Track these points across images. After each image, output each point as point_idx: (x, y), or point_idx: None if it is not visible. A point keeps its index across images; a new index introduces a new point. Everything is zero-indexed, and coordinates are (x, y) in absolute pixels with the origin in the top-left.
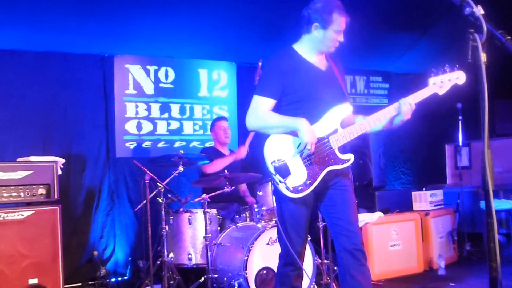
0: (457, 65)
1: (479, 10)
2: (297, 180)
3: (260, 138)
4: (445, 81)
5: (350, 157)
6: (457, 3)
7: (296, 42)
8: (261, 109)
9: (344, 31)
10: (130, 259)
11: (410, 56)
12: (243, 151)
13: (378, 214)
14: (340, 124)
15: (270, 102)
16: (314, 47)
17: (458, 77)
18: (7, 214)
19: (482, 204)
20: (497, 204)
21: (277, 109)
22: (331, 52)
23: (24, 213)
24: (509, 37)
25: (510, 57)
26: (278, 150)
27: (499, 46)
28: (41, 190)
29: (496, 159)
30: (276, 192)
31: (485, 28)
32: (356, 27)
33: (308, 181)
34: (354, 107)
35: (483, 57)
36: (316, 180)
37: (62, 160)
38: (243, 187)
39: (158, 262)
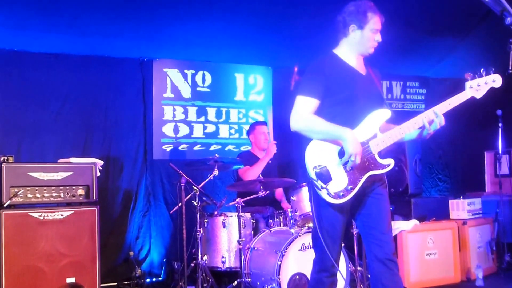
0: (492, 68)
1: None
2: (339, 185)
3: (295, 144)
4: (481, 84)
5: (390, 161)
6: (498, 12)
7: (335, 47)
8: (307, 111)
9: (381, 32)
10: (165, 260)
11: (448, 62)
12: (272, 148)
13: (414, 222)
14: (380, 129)
15: (314, 102)
16: (353, 49)
17: (495, 80)
18: (47, 214)
19: None
20: None
21: (319, 111)
22: (370, 55)
23: (63, 213)
24: None
25: None
26: (319, 156)
27: None
28: (81, 191)
29: None
30: (316, 197)
31: None
32: (393, 32)
33: (350, 187)
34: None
35: None
36: (357, 185)
37: (101, 162)
38: (279, 191)
39: (192, 265)
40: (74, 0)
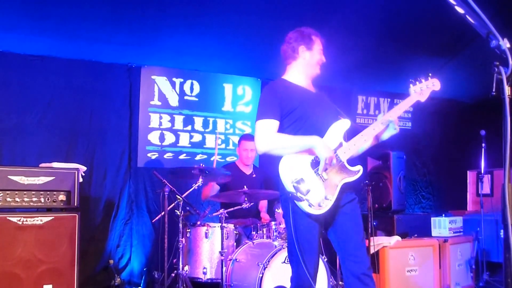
0: (430, 74)
1: (506, 43)
2: (318, 196)
3: (277, 156)
4: (424, 89)
5: (359, 168)
6: (484, 35)
7: (282, 75)
8: (271, 131)
9: (370, 50)
10: (145, 269)
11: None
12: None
13: (396, 238)
14: (343, 138)
15: (275, 123)
16: (303, 71)
17: (434, 84)
18: (26, 219)
19: (502, 233)
20: None
21: (280, 131)
22: (317, 77)
23: (43, 219)
24: None
25: None
26: (294, 169)
27: None
28: (62, 197)
29: None
30: (293, 211)
31: (510, 62)
32: (382, 50)
33: (328, 196)
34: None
35: (508, 90)
36: (335, 194)
37: (84, 168)
38: (263, 203)
39: (173, 275)
40: (63, 3)
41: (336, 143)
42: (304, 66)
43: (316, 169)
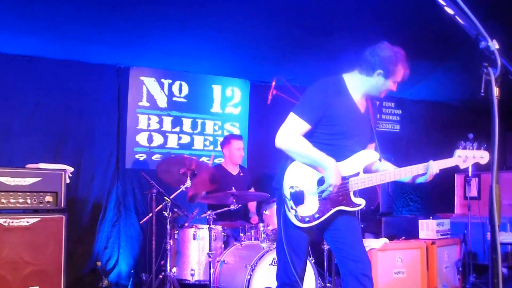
0: (485, 145)
1: (494, 45)
2: (307, 211)
3: (270, 158)
4: (469, 157)
5: (361, 202)
6: (473, 36)
7: (347, 72)
8: (297, 132)
9: (357, 57)
10: (133, 271)
11: (425, 84)
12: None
13: (384, 240)
14: (363, 169)
15: (306, 126)
16: (365, 88)
17: (483, 157)
18: (12, 220)
19: (489, 236)
20: (504, 237)
21: (308, 135)
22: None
23: (30, 220)
24: None
25: None
26: (299, 178)
27: None
28: (48, 198)
29: (504, 191)
30: (284, 214)
31: (499, 63)
32: None
33: (317, 215)
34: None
35: (496, 91)
36: (324, 216)
37: (71, 169)
38: (253, 204)
39: (161, 276)
40: (51, 3)
41: (353, 171)
42: (370, 86)
43: (322, 191)
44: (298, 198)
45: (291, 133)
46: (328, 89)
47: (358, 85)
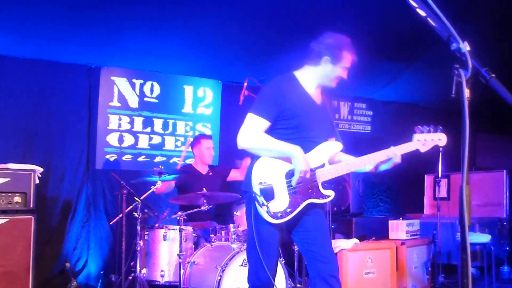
0: (441, 127)
1: (466, 46)
2: (279, 206)
3: (238, 159)
4: (428, 140)
5: (330, 193)
6: (444, 38)
7: (297, 69)
8: (258, 129)
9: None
10: (102, 272)
11: (395, 86)
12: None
13: (354, 241)
14: (328, 160)
15: (266, 124)
16: (317, 79)
17: (440, 139)
18: None
19: (458, 236)
20: (472, 238)
21: (269, 131)
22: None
23: None
24: (493, 75)
25: (494, 93)
26: (267, 173)
27: (484, 83)
28: (17, 198)
29: (474, 192)
30: (255, 212)
31: (470, 65)
32: None
33: (288, 209)
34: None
35: (466, 93)
36: (296, 210)
37: (40, 169)
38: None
39: (130, 278)
40: (21, 2)
41: (319, 162)
42: (320, 76)
43: (289, 180)
44: (268, 193)
45: (251, 132)
46: (282, 85)
47: (310, 78)
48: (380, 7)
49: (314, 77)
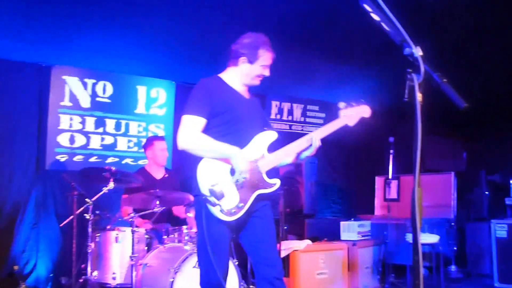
0: (362, 100)
1: (418, 51)
2: (231, 203)
3: (191, 160)
4: (354, 114)
5: (276, 181)
6: (397, 42)
7: (221, 72)
8: (195, 129)
9: (284, 56)
10: (52, 275)
11: (348, 88)
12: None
13: (307, 242)
14: (266, 149)
15: (202, 121)
16: (239, 79)
17: (365, 111)
18: None
19: (408, 236)
20: (422, 238)
21: (206, 130)
22: (254, 86)
23: None
24: (445, 80)
25: (444, 96)
26: (212, 173)
27: (436, 87)
28: None
29: (423, 194)
30: (206, 214)
31: (422, 69)
32: (296, 56)
33: (241, 204)
34: (290, 135)
35: (419, 97)
36: (248, 203)
37: None
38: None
39: (81, 280)
40: None
41: (258, 154)
42: (241, 75)
43: (237, 180)
44: (218, 192)
45: (190, 132)
46: (209, 85)
47: (234, 78)
48: (333, 10)
49: (236, 77)
